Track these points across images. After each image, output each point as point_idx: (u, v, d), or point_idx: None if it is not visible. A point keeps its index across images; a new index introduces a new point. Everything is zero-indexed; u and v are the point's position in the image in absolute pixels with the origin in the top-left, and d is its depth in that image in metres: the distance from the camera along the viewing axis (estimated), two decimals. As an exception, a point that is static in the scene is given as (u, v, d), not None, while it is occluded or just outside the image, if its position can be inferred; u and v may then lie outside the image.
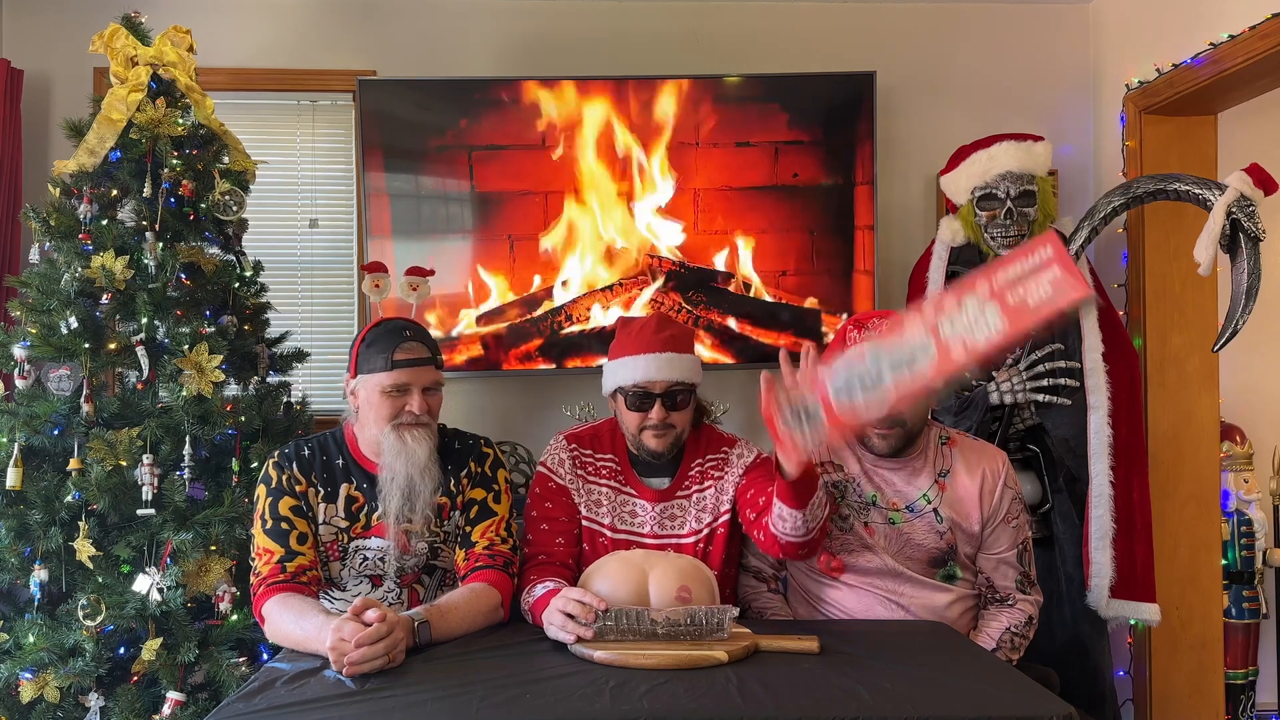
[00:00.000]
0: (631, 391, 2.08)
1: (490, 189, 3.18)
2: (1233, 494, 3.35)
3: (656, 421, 2.07)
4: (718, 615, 1.72)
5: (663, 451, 2.11)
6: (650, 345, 2.08)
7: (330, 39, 3.37)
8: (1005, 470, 2.17)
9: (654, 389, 2.07)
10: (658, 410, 2.07)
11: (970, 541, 2.15)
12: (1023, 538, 2.18)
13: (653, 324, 2.13)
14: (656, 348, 2.07)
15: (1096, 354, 2.76)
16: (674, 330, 2.13)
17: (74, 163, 2.55)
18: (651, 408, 2.07)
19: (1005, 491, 2.15)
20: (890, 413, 2.01)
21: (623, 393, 2.11)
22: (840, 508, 2.16)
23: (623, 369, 2.10)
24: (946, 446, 2.19)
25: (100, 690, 2.34)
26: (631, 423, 2.12)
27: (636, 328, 2.13)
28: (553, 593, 1.84)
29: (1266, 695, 3.50)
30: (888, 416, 2.04)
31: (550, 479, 2.16)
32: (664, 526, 2.13)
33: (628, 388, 2.09)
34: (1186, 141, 3.13)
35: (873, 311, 2.17)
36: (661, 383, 2.07)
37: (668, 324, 2.14)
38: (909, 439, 2.11)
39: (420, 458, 1.96)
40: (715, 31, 3.44)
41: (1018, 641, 2.12)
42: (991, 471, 2.15)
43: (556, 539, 2.10)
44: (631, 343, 2.11)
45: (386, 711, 1.46)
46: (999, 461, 2.18)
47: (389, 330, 2.00)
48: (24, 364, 2.49)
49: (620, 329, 2.19)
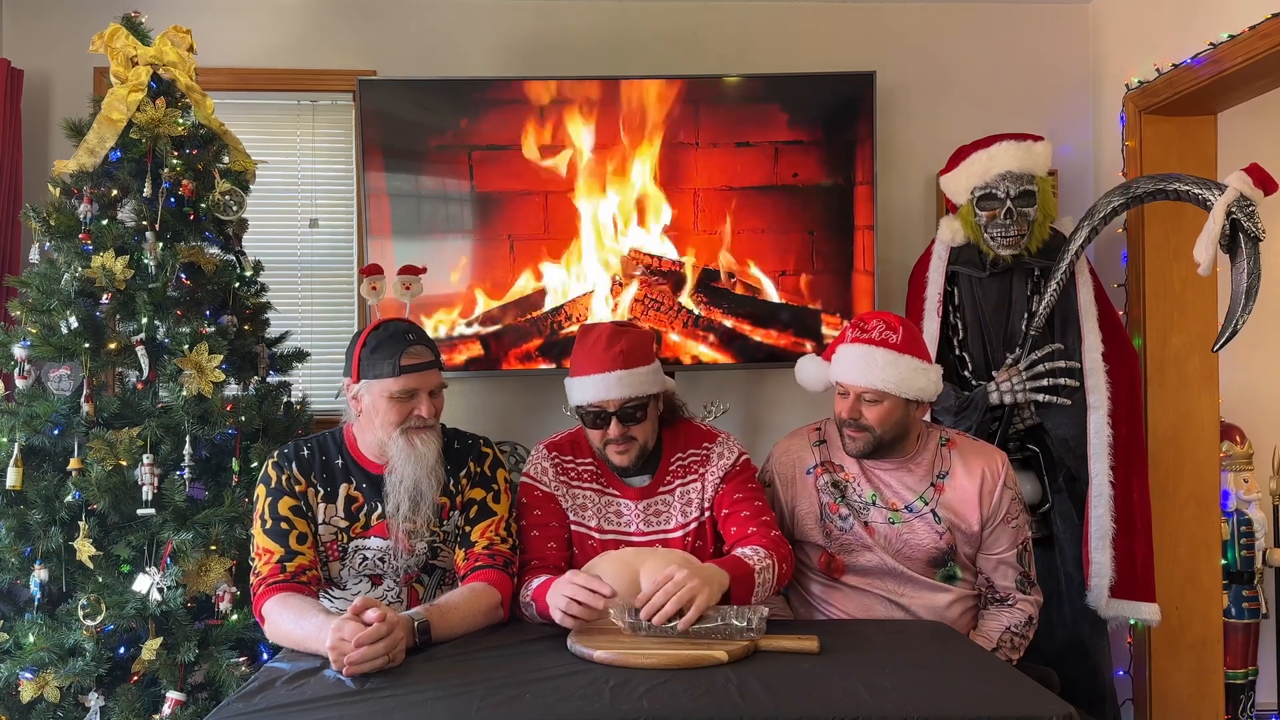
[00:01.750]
0: (588, 410, 2.08)
1: (490, 189, 3.18)
2: (1232, 494, 3.35)
3: (616, 436, 2.07)
4: (748, 614, 1.71)
5: (628, 466, 2.11)
6: (601, 363, 2.05)
7: (330, 39, 3.37)
8: (1005, 471, 2.17)
9: (609, 407, 2.06)
10: (615, 427, 2.06)
11: (969, 542, 2.15)
12: (1022, 538, 2.18)
13: (604, 339, 2.07)
14: (607, 365, 2.04)
15: (1096, 354, 2.76)
16: (625, 344, 2.07)
17: (74, 163, 2.55)
18: (609, 424, 2.07)
19: (1005, 492, 2.15)
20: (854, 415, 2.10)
21: (580, 411, 2.11)
22: (840, 507, 2.16)
23: (577, 388, 2.09)
24: (946, 448, 2.19)
25: (100, 690, 2.34)
26: (594, 439, 2.13)
27: (589, 343, 2.09)
28: (554, 579, 1.86)
29: (1266, 695, 3.50)
30: (852, 418, 2.11)
31: (535, 488, 2.15)
32: (650, 523, 2.14)
33: (585, 406, 2.08)
34: (1186, 141, 3.13)
35: (874, 313, 2.19)
36: (614, 401, 2.05)
37: (619, 337, 2.08)
38: (879, 446, 2.13)
39: (429, 461, 1.97)
40: (715, 31, 3.44)
41: (1017, 641, 2.13)
42: (991, 472, 2.15)
43: (548, 544, 2.10)
44: (584, 361, 2.08)
45: (386, 711, 1.46)
46: (999, 462, 2.18)
47: (392, 335, 1.99)
48: (24, 364, 2.49)
49: (577, 342, 2.14)
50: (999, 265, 2.81)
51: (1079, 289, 2.81)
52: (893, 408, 2.10)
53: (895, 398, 2.08)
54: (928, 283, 2.91)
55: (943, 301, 2.87)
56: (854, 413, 2.12)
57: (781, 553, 2.01)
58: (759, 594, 1.93)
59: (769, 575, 1.95)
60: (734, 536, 2.07)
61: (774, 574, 1.96)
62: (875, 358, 2.08)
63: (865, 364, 2.09)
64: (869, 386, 2.08)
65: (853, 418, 2.12)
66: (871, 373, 2.08)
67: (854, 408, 2.11)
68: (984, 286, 2.86)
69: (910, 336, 2.13)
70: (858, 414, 2.11)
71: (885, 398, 2.08)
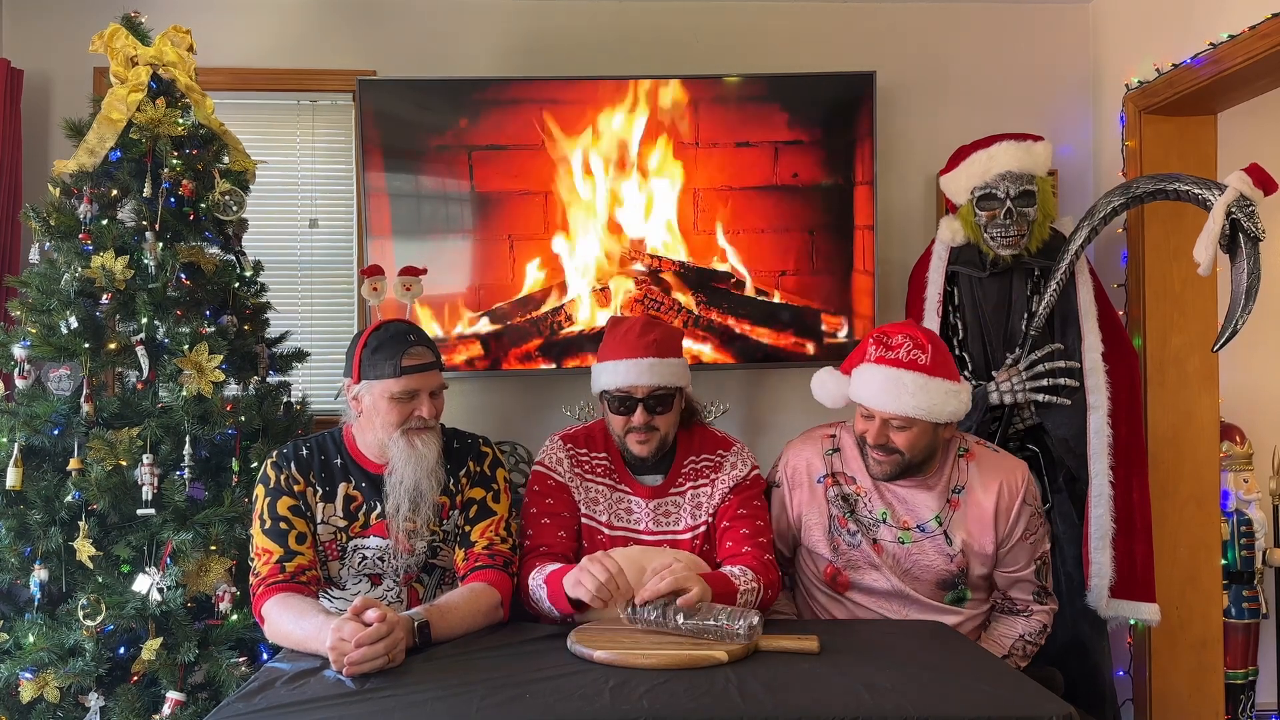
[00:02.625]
0: (615, 395, 2.11)
1: (490, 189, 3.18)
2: (1232, 494, 3.35)
3: (639, 424, 2.09)
4: (743, 618, 1.71)
5: (647, 457, 2.12)
6: (634, 350, 2.09)
7: (330, 39, 3.37)
8: (1025, 486, 2.08)
9: (636, 393, 2.08)
10: (640, 414, 2.09)
11: (985, 562, 2.09)
12: (1040, 552, 2.11)
13: (638, 327, 2.13)
14: (640, 352, 2.09)
15: (1096, 354, 2.76)
16: (658, 334, 2.12)
17: (74, 163, 2.55)
18: (634, 411, 2.09)
19: (1023, 509, 2.07)
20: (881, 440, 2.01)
21: (607, 396, 2.13)
22: (849, 522, 2.12)
23: (606, 372, 2.13)
24: (964, 460, 2.11)
25: (100, 690, 2.34)
26: (616, 425, 2.14)
27: (622, 330, 2.15)
28: (568, 568, 1.88)
29: (1266, 695, 3.50)
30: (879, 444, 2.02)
31: (549, 476, 2.17)
32: (659, 523, 2.14)
33: (611, 391, 2.11)
34: (1186, 141, 3.13)
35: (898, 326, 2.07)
36: (644, 387, 2.08)
37: (653, 327, 2.14)
38: (907, 469, 2.03)
39: (429, 462, 1.97)
40: (715, 31, 3.44)
41: (1029, 650, 2.10)
42: (1010, 489, 2.06)
43: (558, 532, 2.11)
44: (616, 346, 2.13)
45: (386, 711, 1.47)
46: (1018, 476, 2.08)
47: (393, 336, 1.99)
48: (24, 364, 2.49)
49: (608, 330, 2.20)
50: (999, 265, 2.81)
51: (1079, 289, 2.81)
52: (922, 433, 1.98)
53: (925, 423, 1.97)
54: (928, 283, 2.91)
55: (942, 301, 2.87)
56: (881, 438, 2.00)
57: (769, 578, 2.01)
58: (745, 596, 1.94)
59: (751, 599, 1.94)
60: (727, 552, 2.07)
61: (756, 598, 1.96)
62: (905, 382, 1.95)
63: (894, 389, 1.96)
64: (898, 414, 1.96)
65: (880, 443, 2.00)
66: (901, 399, 1.94)
67: (881, 433, 2.00)
68: (984, 286, 2.86)
69: (940, 355, 2.01)
70: (886, 439, 1.99)
71: (914, 424, 1.97)
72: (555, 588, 1.88)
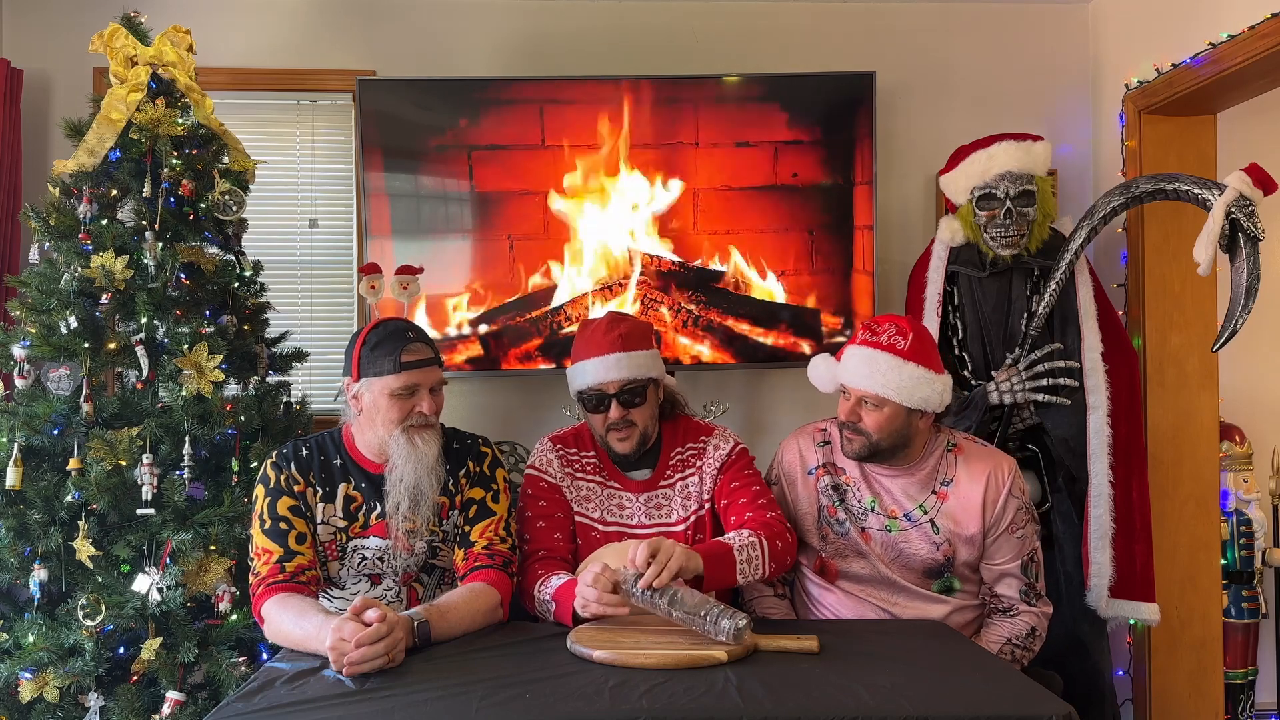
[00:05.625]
0: (588, 394, 2.11)
1: (490, 189, 3.18)
2: (1232, 494, 3.35)
3: (617, 420, 2.09)
4: (733, 620, 1.69)
5: (629, 454, 2.13)
6: (601, 347, 2.10)
7: (330, 39, 3.37)
8: (1012, 479, 2.11)
9: (608, 389, 2.09)
10: (615, 410, 2.09)
11: (971, 547, 2.10)
12: (1029, 549, 2.13)
13: (603, 325, 2.14)
14: (607, 348, 2.09)
15: (1096, 354, 2.76)
16: (624, 328, 2.13)
17: (74, 162, 2.55)
18: (609, 408, 2.09)
19: (1010, 501, 2.10)
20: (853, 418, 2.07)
21: (582, 397, 2.14)
22: (838, 511, 2.15)
23: (577, 374, 2.14)
24: (952, 454, 2.14)
25: (100, 690, 2.34)
26: (597, 425, 2.15)
27: (589, 330, 2.15)
28: (574, 581, 1.88)
29: (1266, 695, 3.50)
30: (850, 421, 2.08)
31: (541, 479, 2.17)
32: (652, 516, 2.15)
33: (584, 391, 2.12)
34: (1186, 141, 3.13)
35: (889, 316, 2.13)
36: (614, 382, 2.08)
37: (618, 322, 2.15)
38: (875, 452, 2.08)
39: (429, 459, 1.97)
40: (715, 31, 3.44)
41: (1019, 654, 2.08)
42: (997, 480, 2.10)
43: (554, 534, 2.11)
44: (585, 346, 2.13)
45: (386, 711, 1.46)
46: (1005, 469, 2.12)
47: (391, 333, 1.99)
48: (24, 364, 2.49)
49: (577, 333, 2.20)
50: (999, 265, 2.81)
51: (1079, 289, 2.81)
52: (893, 415, 2.04)
53: (896, 405, 2.03)
54: (927, 282, 2.91)
55: (942, 301, 2.87)
56: (853, 416, 2.08)
57: (773, 530, 2.01)
58: (745, 570, 1.92)
59: (754, 552, 1.94)
60: (733, 526, 2.07)
61: (762, 550, 1.95)
62: (879, 362, 2.03)
63: (869, 368, 2.04)
64: (869, 391, 2.04)
65: (851, 420, 2.08)
66: (874, 377, 2.03)
67: (854, 411, 2.08)
68: (984, 286, 2.86)
69: (921, 344, 2.06)
70: (856, 417, 2.07)
71: (886, 404, 2.03)
72: (566, 605, 1.88)
